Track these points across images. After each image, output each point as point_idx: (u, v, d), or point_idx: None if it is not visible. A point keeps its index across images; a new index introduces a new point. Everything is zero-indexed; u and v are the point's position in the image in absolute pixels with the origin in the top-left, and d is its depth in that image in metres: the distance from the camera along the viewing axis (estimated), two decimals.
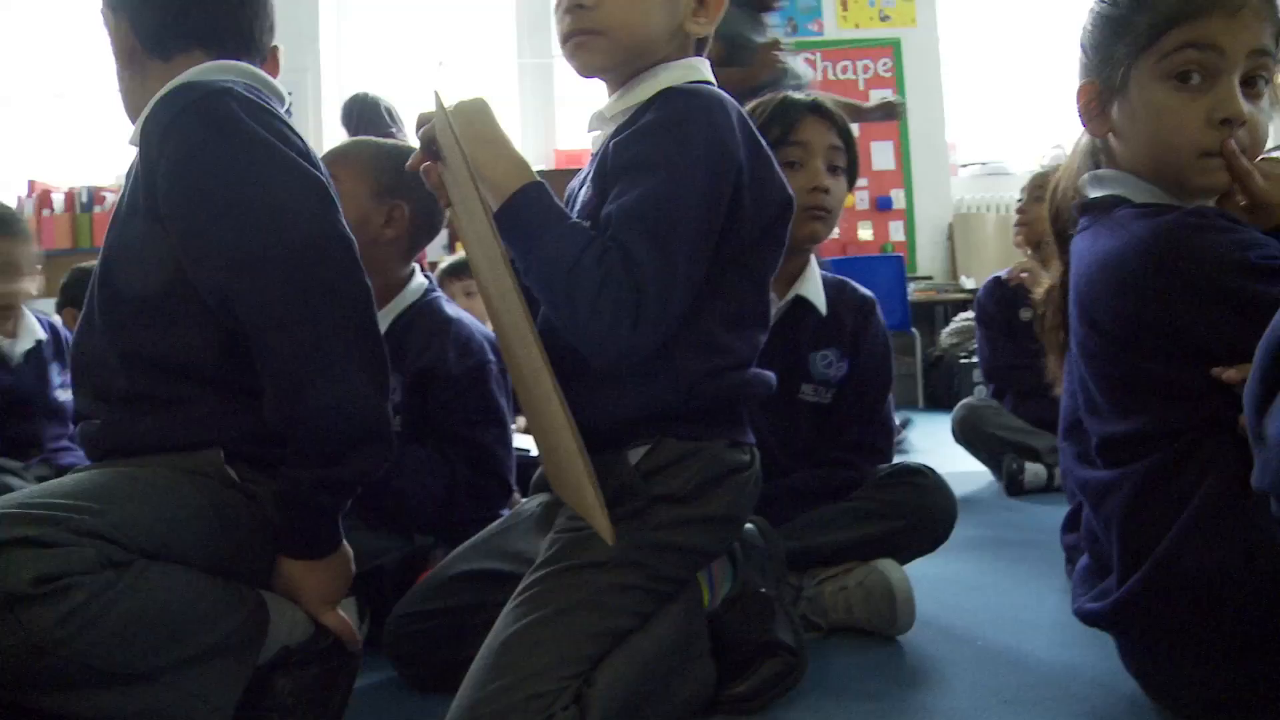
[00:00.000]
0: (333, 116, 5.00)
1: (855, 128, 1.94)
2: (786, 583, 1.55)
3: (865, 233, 6.58)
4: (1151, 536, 1.14)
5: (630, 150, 1.24)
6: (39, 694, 0.99)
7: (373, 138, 2.03)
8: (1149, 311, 1.15)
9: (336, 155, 1.84)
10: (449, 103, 1.27)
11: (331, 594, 1.23)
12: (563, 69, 6.33)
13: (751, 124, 1.30)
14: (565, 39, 1.32)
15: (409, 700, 1.44)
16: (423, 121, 1.32)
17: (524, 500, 1.55)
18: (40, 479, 2.26)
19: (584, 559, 1.21)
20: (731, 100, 1.30)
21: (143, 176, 1.21)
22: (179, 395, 1.18)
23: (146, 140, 1.21)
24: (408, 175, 1.34)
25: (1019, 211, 3.31)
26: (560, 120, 6.25)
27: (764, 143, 1.31)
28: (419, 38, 6.40)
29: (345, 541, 1.26)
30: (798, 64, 3.41)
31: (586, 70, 1.36)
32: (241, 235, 1.15)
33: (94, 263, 1.30)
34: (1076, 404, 1.30)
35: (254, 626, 1.12)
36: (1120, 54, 1.23)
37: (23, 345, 2.59)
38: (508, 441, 1.88)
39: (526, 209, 1.20)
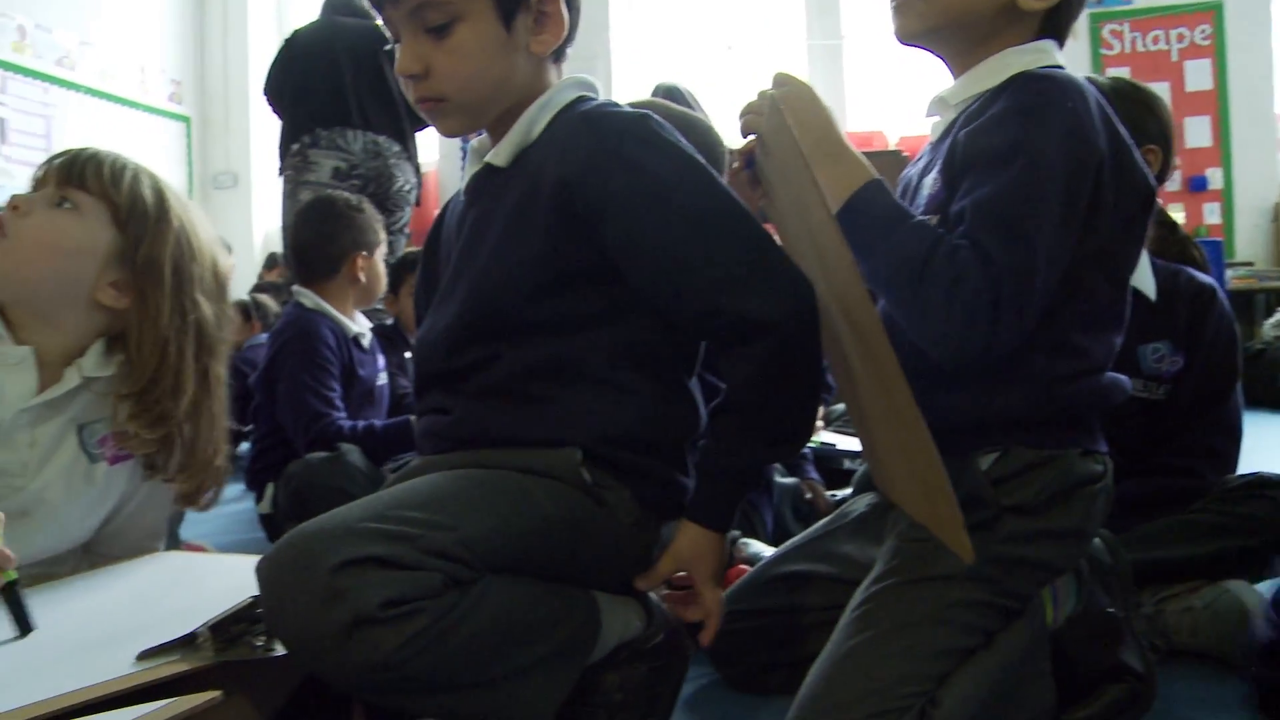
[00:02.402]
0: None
1: None
2: (1135, 603, 1.44)
3: (1177, 216, 6.12)
4: None
5: (983, 141, 1.18)
6: (381, 698, 1.04)
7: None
8: None
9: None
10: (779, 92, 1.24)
11: (719, 572, 1.22)
12: (852, 51, 6.25)
13: (1111, 111, 1.21)
14: None
15: (729, 700, 1.44)
16: (748, 111, 1.30)
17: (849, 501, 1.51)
18: None
19: (929, 572, 1.17)
20: (1090, 85, 1.21)
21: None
22: (545, 394, 1.20)
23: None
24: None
25: None
26: (850, 102, 6.14)
27: (1124, 131, 1.21)
28: (707, 22, 6.44)
29: None
30: None
31: (905, 34, 1.31)
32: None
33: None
34: None
35: (587, 632, 1.13)
36: None
37: (368, 334, 2.64)
38: None
39: (869, 209, 1.17)
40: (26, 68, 5.81)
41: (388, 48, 1.28)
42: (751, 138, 1.34)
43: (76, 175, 1.35)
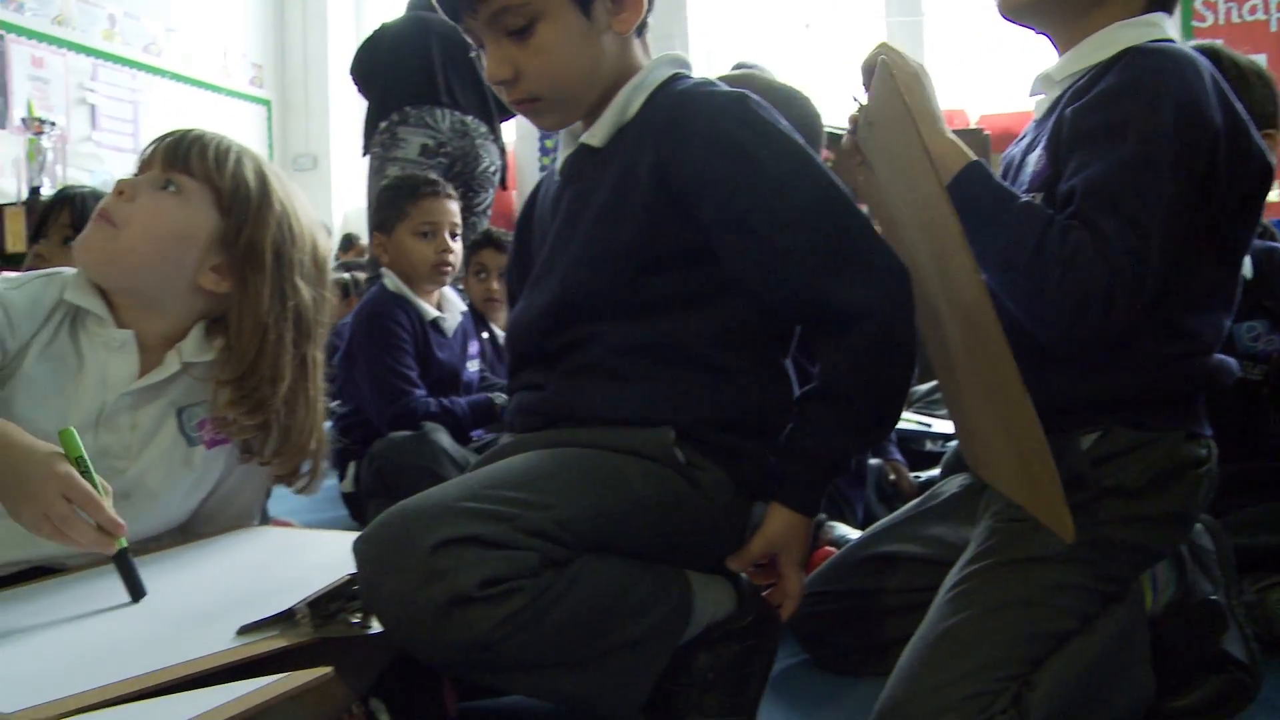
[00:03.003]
0: None
1: None
2: (1237, 590, 1.40)
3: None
4: None
5: (1092, 118, 1.15)
6: (475, 675, 1.06)
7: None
8: None
9: None
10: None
11: (803, 555, 1.21)
12: (933, 28, 6.14)
13: (1226, 86, 1.17)
14: None
15: (818, 681, 1.43)
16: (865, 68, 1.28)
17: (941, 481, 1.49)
18: None
19: (1026, 554, 1.15)
20: (1204, 59, 1.17)
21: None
22: (641, 373, 1.20)
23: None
24: None
25: None
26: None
27: (1239, 106, 1.17)
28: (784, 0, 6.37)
29: None
30: None
31: (1010, 9, 1.30)
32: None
33: None
34: None
35: (680, 612, 1.13)
36: None
37: (453, 319, 2.62)
38: None
39: (975, 189, 1.16)
40: (116, 55, 5.94)
41: (472, 54, 1.28)
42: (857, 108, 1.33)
43: (181, 158, 1.36)
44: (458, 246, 2.59)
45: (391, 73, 3.63)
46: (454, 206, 2.62)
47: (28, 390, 1.28)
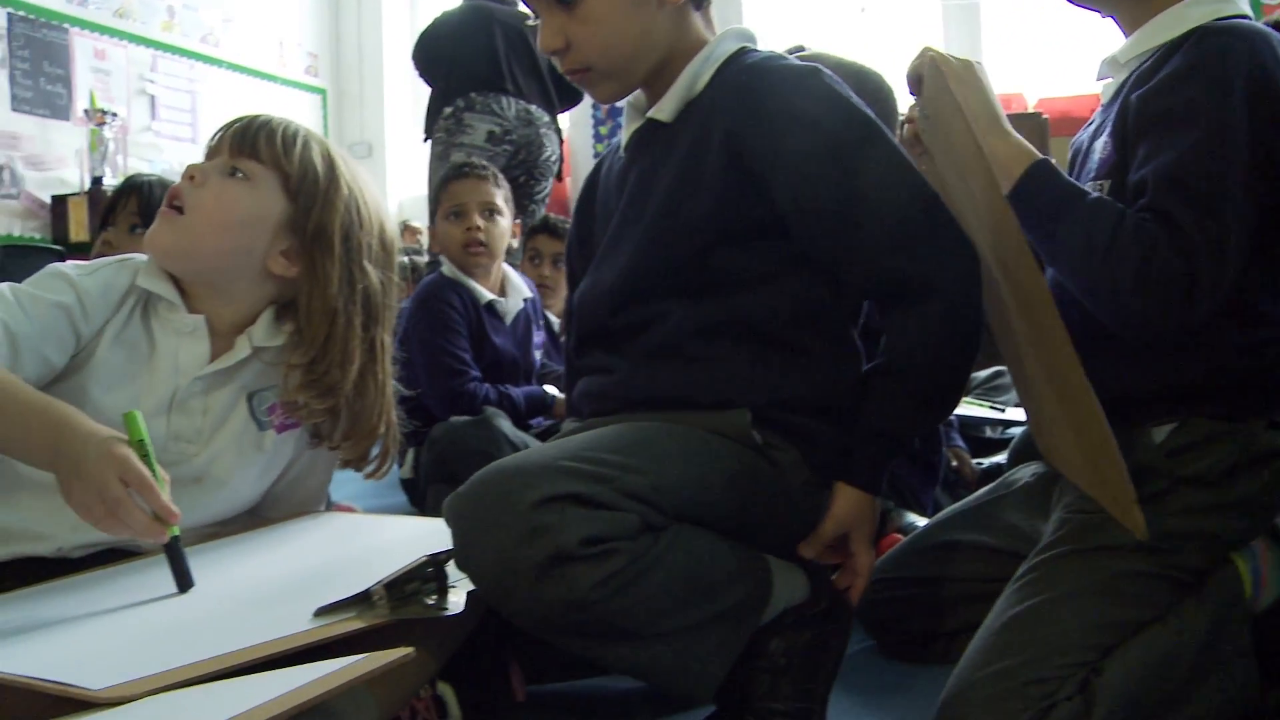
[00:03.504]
0: None
1: None
2: None
3: None
4: None
5: (1159, 102, 1.13)
6: (563, 638, 1.05)
7: None
8: None
9: None
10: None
11: (872, 534, 1.22)
12: (990, 10, 6.05)
13: None
14: None
15: (884, 668, 1.43)
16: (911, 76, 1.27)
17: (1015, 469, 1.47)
18: None
19: (1097, 543, 1.14)
20: (1277, 35, 1.14)
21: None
22: (714, 353, 1.19)
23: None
24: None
25: None
26: (987, 64, 5.94)
27: None
28: None
29: None
30: None
31: None
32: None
33: None
34: None
35: (760, 593, 1.13)
36: None
37: (514, 304, 2.61)
38: None
39: (1042, 189, 1.15)
40: (175, 46, 6.01)
41: (529, 23, 1.29)
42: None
43: (249, 144, 1.37)
44: (499, 226, 2.58)
45: (456, 59, 3.65)
46: (485, 186, 2.60)
47: (101, 375, 1.30)
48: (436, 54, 3.74)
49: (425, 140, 3.73)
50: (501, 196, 2.61)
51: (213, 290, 1.37)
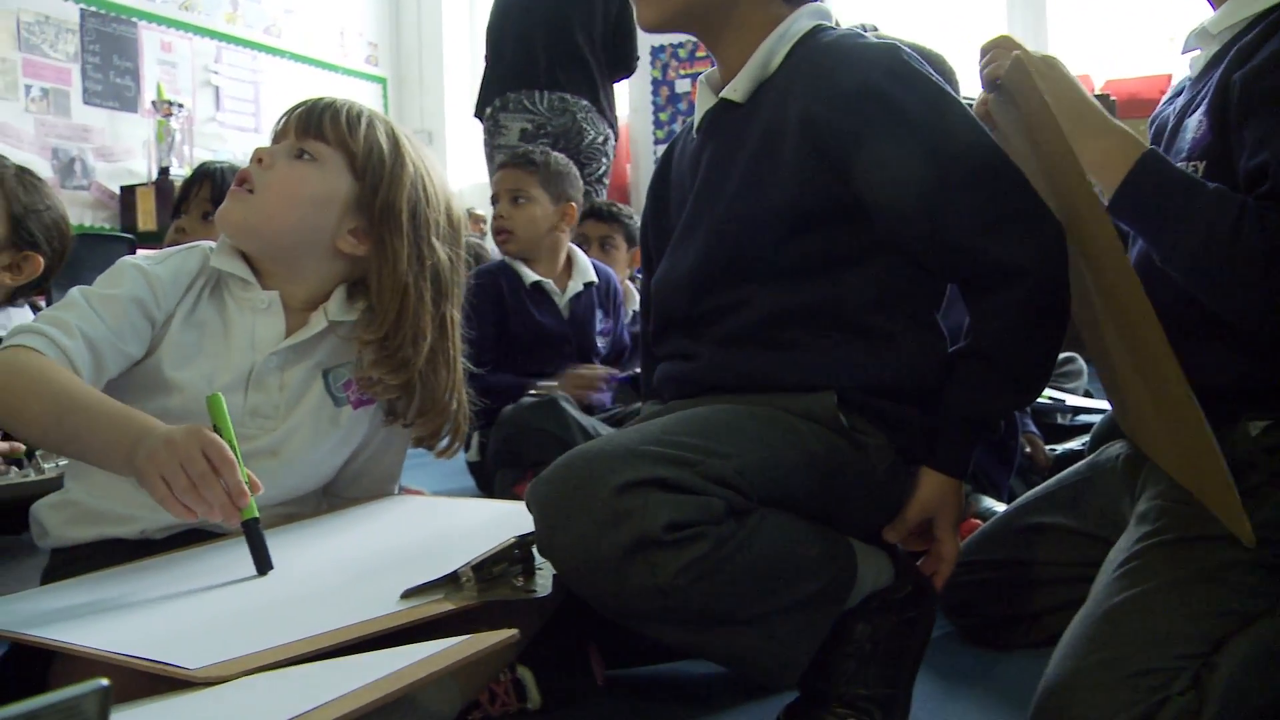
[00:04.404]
0: None
1: None
2: None
3: None
4: None
5: (1267, 81, 1.09)
6: (646, 625, 1.04)
7: None
8: None
9: None
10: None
11: (957, 520, 1.20)
12: None
13: None
14: None
15: (964, 654, 1.40)
16: (990, 59, 1.24)
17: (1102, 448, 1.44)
18: None
19: (1200, 531, 1.10)
20: None
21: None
22: (797, 340, 1.18)
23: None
24: None
25: None
26: (1053, 44, 5.85)
27: None
28: None
29: None
30: None
31: None
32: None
33: None
34: None
35: (845, 577, 1.11)
36: None
37: (573, 289, 2.65)
38: None
39: (1154, 182, 1.11)
40: (238, 37, 6.09)
41: None
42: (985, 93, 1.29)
43: (314, 126, 1.39)
44: (526, 212, 2.62)
45: (495, 57, 3.76)
46: (514, 173, 2.66)
47: (175, 355, 1.32)
48: (488, 40, 3.84)
49: (475, 116, 3.89)
50: (538, 182, 2.64)
51: (284, 268, 1.39)
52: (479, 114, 3.83)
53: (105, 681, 0.49)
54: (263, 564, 1.15)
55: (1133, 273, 1.04)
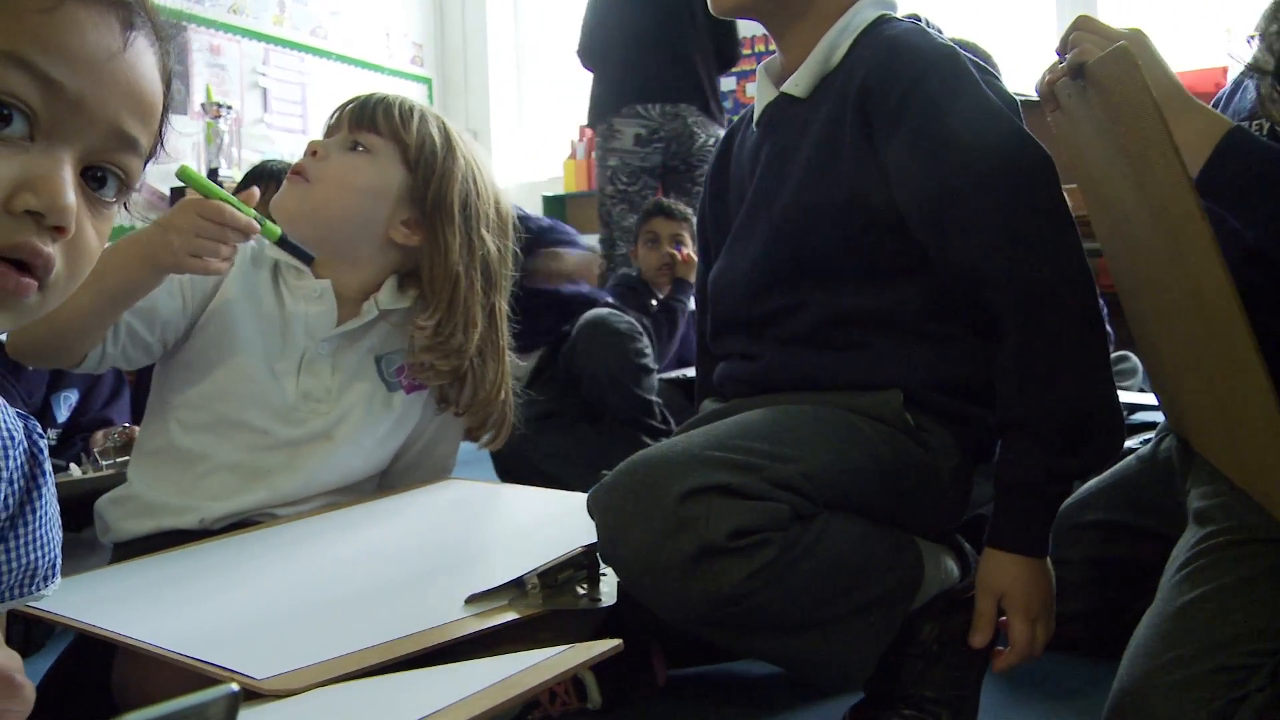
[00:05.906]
0: None
1: None
2: None
3: None
4: None
5: None
6: (710, 632, 1.03)
7: None
8: None
9: None
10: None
11: (1035, 605, 1.08)
12: None
13: None
14: None
15: None
16: (1080, 52, 1.21)
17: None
18: None
19: (1266, 534, 1.07)
20: None
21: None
22: (858, 341, 1.16)
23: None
24: None
25: None
26: None
27: None
28: None
29: None
30: None
31: None
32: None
33: None
34: None
35: (912, 579, 1.10)
36: None
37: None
38: None
39: (1245, 155, 1.09)
40: (285, 39, 6.13)
41: None
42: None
43: (368, 119, 1.41)
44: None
45: (605, 67, 3.84)
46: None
47: (238, 340, 1.35)
48: (589, 58, 3.90)
49: (588, 125, 4.08)
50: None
51: (338, 257, 1.41)
52: (592, 124, 3.95)
53: (235, 687, 0.49)
54: (306, 256, 1.29)
55: (1223, 272, 0.99)
